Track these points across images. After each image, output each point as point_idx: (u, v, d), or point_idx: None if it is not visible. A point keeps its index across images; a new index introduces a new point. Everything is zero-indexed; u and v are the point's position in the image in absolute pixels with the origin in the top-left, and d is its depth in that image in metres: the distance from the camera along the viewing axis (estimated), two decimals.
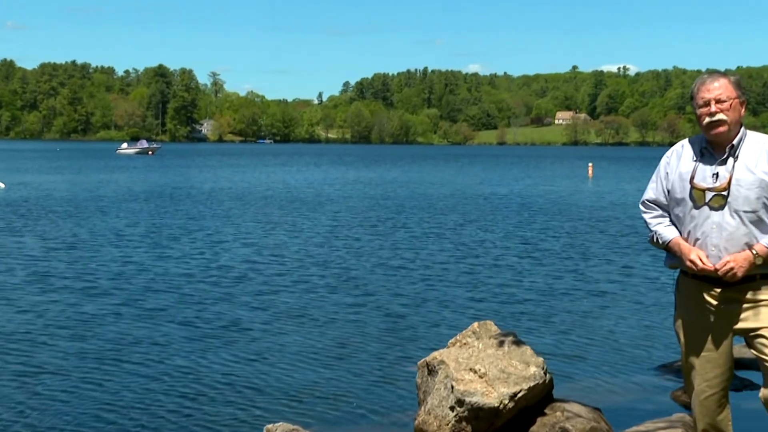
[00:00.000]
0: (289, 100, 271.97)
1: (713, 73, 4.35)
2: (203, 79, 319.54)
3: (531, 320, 10.53)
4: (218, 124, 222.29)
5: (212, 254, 16.34)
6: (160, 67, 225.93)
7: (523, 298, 11.97)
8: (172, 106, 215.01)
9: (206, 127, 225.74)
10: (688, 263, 4.22)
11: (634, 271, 14.46)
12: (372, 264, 15.22)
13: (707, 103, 4.23)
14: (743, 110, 4.30)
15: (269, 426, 6.04)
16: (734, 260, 4.13)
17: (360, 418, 6.92)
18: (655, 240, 4.44)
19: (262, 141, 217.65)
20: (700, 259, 4.17)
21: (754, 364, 4.30)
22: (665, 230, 4.38)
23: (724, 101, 4.21)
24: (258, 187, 39.09)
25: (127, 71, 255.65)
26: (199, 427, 6.70)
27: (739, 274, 4.12)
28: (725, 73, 4.34)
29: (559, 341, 9.45)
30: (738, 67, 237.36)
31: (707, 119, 4.23)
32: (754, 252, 4.13)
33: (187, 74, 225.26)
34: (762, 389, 4.20)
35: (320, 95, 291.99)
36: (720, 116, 4.20)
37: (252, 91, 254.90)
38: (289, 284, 13.03)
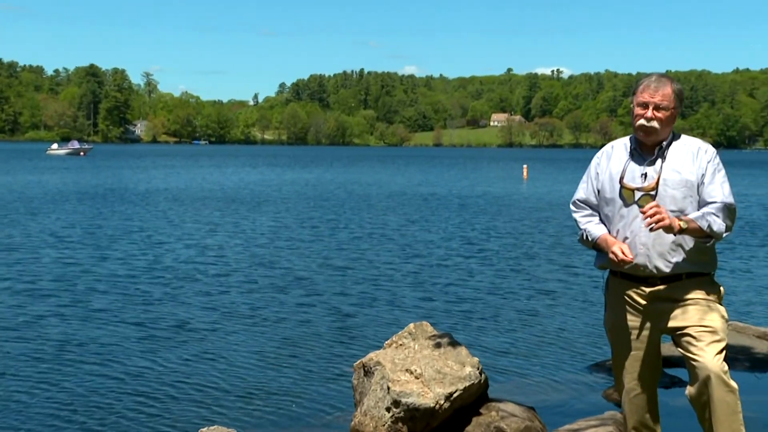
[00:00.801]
0: (225, 101, 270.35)
1: (661, 78, 4.37)
2: (136, 79, 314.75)
3: (469, 320, 10.62)
4: (152, 124, 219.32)
5: (155, 255, 16.17)
6: (92, 66, 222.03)
7: (463, 298, 12.06)
8: (104, 107, 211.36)
9: (140, 128, 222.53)
10: (611, 255, 4.26)
11: (572, 271, 14.69)
12: (315, 264, 15.21)
13: (646, 106, 4.29)
14: (675, 120, 4.37)
15: (203, 429, 5.97)
16: (665, 211, 4.12)
17: (296, 420, 6.89)
18: (584, 238, 4.50)
19: (197, 142, 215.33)
20: (622, 251, 4.20)
21: (682, 361, 4.40)
22: (594, 228, 4.45)
23: (663, 110, 4.27)
24: (194, 189, 38.68)
25: (56, 70, 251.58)
26: (132, 429, 6.60)
27: (662, 223, 4.06)
28: (672, 81, 4.37)
29: (496, 340, 9.54)
30: (667, 71, 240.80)
31: (642, 121, 4.29)
32: (681, 220, 4.14)
33: (119, 74, 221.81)
34: (688, 387, 4.29)
35: (256, 96, 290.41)
36: (654, 123, 4.26)
37: (186, 92, 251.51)
38: (230, 285, 12.96)
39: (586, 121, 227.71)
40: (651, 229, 4.11)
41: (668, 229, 4.11)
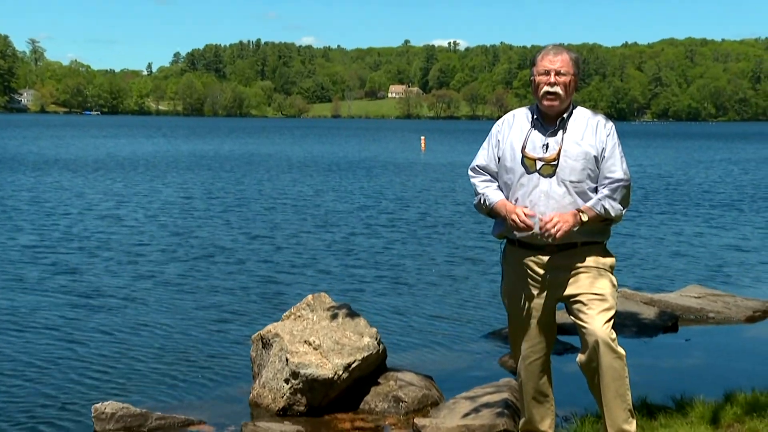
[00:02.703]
0: (117, 70, 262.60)
1: (558, 46, 4.47)
2: (21, 46, 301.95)
3: (371, 290, 10.70)
4: (40, 94, 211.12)
5: (66, 226, 15.99)
6: None
7: (367, 268, 12.14)
8: None
9: (26, 97, 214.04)
10: (511, 219, 4.31)
11: (473, 241, 14.87)
12: (223, 236, 15.13)
13: (548, 73, 4.36)
14: (575, 89, 4.45)
15: (97, 405, 5.86)
16: (560, 216, 4.25)
17: (193, 393, 6.81)
18: (481, 203, 4.53)
19: (88, 112, 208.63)
20: (524, 214, 4.26)
21: (574, 328, 4.50)
22: (492, 193, 4.48)
23: (564, 75, 4.35)
24: (88, 160, 37.50)
25: None
26: (24, 404, 6.44)
27: (565, 227, 4.22)
28: (568, 49, 4.48)
29: (397, 310, 9.63)
30: (559, 44, 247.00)
31: (546, 88, 4.35)
32: (581, 212, 4.28)
33: (1, 40, 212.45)
34: (579, 354, 4.41)
35: (149, 66, 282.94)
36: (557, 89, 4.34)
37: (76, 61, 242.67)
38: (137, 257, 12.83)
39: (483, 93, 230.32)
40: (554, 239, 4.23)
41: (572, 229, 4.24)
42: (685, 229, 16.91)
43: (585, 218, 4.27)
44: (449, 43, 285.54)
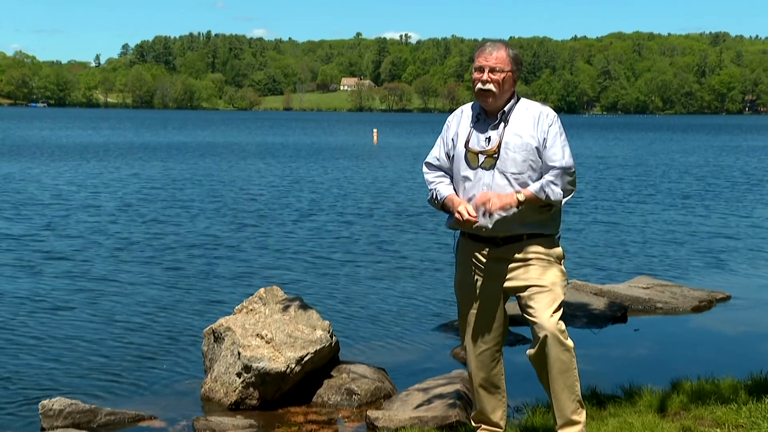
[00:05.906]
0: (64, 61, 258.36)
1: (495, 42, 4.46)
2: None
3: (323, 282, 10.65)
4: None
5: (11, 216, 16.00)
6: None
7: (319, 260, 12.10)
8: None
9: None
10: (456, 215, 4.34)
11: (428, 234, 14.90)
12: (179, 228, 15.00)
13: (482, 70, 4.38)
14: (515, 84, 4.46)
15: (45, 401, 5.76)
16: (496, 195, 4.26)
17: (143, 388, 6.73)
18: (434, 198, 4.56)
19: (34, 104, 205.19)
20: (467, 211, 4.28)
21: (525, 320, 4.53)
22: (443, 188, 4.51)
23: (498, 72, 4.36)
24: (36, 153, 36.77)
25: None
26: None
27: (498, 203, 4.24)
28: (506, 45, 4.46)
29: (349, 303, 9.62)
30: (510, 38, 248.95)
31: (479, 86, 4.39)
32: (519, 193, 4.27)
33: None
34: (529, 348, 4.45)
35: (98, 57, 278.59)
36: (489, 86, 4.36)
37: (21, 51, 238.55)
38: (87, 249, 12.66)
39: (434, 86, 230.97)
40: (489, 214, 4.26)
41: (507, 207, 4.25)
42: (638, 219, 17.16)
43: (522, 197, 4.26)
44: (401, 36, 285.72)
